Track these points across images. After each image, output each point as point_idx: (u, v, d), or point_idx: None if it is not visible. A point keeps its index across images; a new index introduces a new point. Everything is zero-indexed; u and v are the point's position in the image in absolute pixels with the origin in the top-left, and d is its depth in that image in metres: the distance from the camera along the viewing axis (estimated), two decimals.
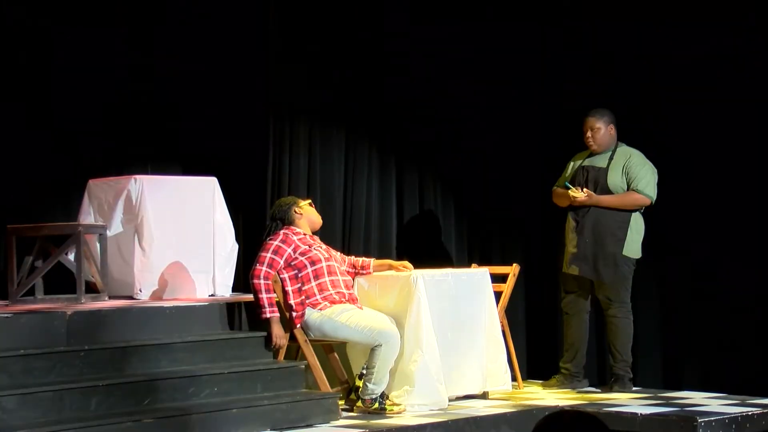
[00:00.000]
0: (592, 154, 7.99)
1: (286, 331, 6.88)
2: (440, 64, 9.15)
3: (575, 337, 7.99)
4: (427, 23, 9.12)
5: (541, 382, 8.29)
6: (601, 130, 7.91)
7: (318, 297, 6.87)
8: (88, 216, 7.60)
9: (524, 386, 8.04)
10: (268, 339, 6.88)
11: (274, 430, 6.31)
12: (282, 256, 6.89)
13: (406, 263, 7.31)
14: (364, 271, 7.29)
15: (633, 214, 7.83)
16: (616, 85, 8.91)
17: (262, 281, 6.82)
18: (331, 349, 7.20)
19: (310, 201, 7.33)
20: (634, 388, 7.85)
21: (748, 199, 8.48)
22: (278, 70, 8.57)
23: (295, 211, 7.08)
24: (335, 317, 6.84)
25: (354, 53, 8.90)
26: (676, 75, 8.78)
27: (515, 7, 9.35)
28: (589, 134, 7.92)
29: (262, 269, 6.84)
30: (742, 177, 8.51)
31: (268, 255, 6.89)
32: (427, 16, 9.13)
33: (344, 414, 6.75)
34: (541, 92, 9.35)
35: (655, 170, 7.88)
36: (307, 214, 7.13)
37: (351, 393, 6.99)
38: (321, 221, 7.28)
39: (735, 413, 6.84)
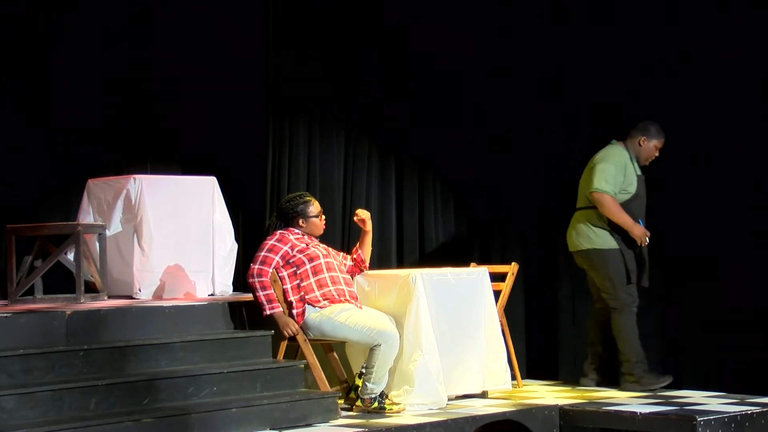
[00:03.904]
0: (631, 158, 7.87)
1: None
2: (440, 63, 9.15)
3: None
4: (428, 21, 9.12)
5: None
6: None
7: (317, 293, 6.87)
8: (87, 215, 7.60)
9: (523, 385, 8.04)
10: (280, 333, 6.86)
11: (273, 429, 6.32)
12: (277, 254, 6.88)
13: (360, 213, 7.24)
14: (356, 255, 7.25)
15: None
16: (617, 84, 8.92)
17: (256, 279, 6.81)
18: (331, 349, 7.21)
19: (321, 211, 7.18)
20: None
21: (749, 199, 8.49)
22: (278, 70, 8.58)
23: (300, 223, 7.03)
24: (334, 317, 6.84)
25: (354, 54, 8.90)
26: (678, 74, 8.79)
27: (518, 6, 9.35)
28: (657, 154, 7.86)
29: (255, 267, 6.84)
30: (743, 177, 8.52)
31: (262, 253, 6.89)
32: (427, 16, 9.13)
33: (343, 413, 6.75)
34: (541, 91, 9.35)
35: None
36: (311, 225, 7.06)
37: (350, 392, 7.00)
38: (321, 232, 7.21)
39: (734, 412, 6.83)
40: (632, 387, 7.65)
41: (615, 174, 7.63)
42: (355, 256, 7.25)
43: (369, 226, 7.23)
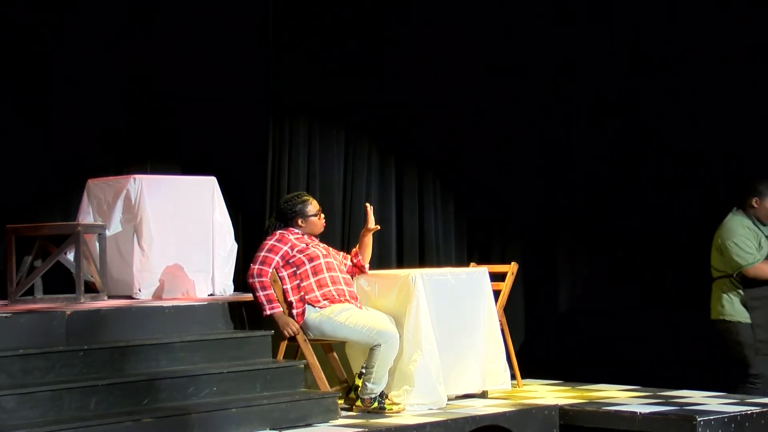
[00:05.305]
0: (754, 222, 7.75)
1: None
2: (440, 63, 9.16)
3: None
4: (428, 22, 9.12)
5: None
6: None
7: (317, 293, 6.87)
8: (87, 215, 7.61)
9: (523, 385, 8.04)
10: (280, 333, 6.86)
11: (273, 429, 6.32)
12: (277, 254, 6.88)
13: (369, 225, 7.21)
14: (355, 259, 7.24)
15: None
16: (617, 83, 8.92)
17: (255, 280, 6.81)
18: (331, 349, 7.21)
19: (319, 210, 7.17)
20: (632, 387, 7.81)
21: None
22: (278, 70, 8.59)
23: (299, 222, 7.03)
24: (334, 317, 6.84)
25: (354, 53, 8.91)
26: (678, 74, 8.79)
27: (518, 6, 9.35)
28: None
29: (255, 267, 6.84)
30: (742, 177, 8.51)
31: (262, 253, 6.89)
32: (427, 16, 9.13)
33: (343, 413, 6.75)
34: (541, 91, 9.35)
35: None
36: (310, 224, 7.06)
37: (350, 392, 7.00)
38: (321, 230, 7.20)
39: (734, 412, 6.83)
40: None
41: (744, 242, 7.58)
42: (355, 261, 7.24)
43: (373, 222, 7.18)
